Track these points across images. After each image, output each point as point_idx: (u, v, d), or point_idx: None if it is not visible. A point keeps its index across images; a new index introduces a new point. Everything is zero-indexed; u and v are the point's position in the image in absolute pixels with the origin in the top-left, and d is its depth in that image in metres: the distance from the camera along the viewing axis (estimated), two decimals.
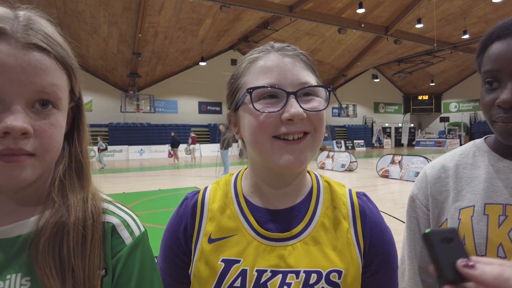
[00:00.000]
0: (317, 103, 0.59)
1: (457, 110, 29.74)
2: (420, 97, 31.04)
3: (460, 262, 0.39)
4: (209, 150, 22.32)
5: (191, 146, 17.00)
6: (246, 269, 0.59)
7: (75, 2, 14.49)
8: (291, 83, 0.57)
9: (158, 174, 12.23)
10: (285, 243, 0.60)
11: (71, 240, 0.51)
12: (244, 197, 0.66)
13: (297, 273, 0.58)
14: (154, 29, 17.07)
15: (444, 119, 30.01)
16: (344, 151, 15.09)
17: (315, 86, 0.59)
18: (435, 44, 18.99)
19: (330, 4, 16.26)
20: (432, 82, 28.59)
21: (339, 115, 29.67)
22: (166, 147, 18.09)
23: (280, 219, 0.63)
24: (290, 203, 0.64)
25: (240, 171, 0.72)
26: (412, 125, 31.61)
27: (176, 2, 15.12)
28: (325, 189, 0.67)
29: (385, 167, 10.81)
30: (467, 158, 0.75)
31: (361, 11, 15.07)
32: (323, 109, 0.59)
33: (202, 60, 20.48)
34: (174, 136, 16.75)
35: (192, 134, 17.71)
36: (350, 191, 0.69)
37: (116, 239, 0.56)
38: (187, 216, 0.66)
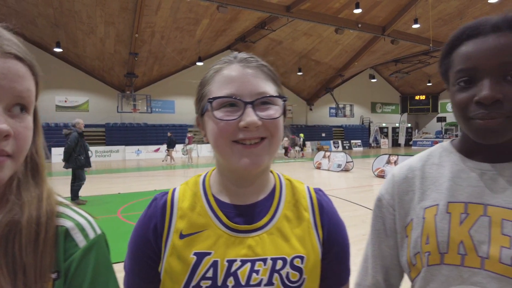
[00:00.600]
0: (273, 111, 0.64)
1: None
2: (417, 97, 31.15)
3: None
4: (207, 150, 22.24)
5: (188, 146, 16.97)
6: (217, 260, 0.64)
7: (72, 2, 14.46)
8: (250, 93, 0.62)
9: (155, 175, 12.21)
10: (253, 234, 0.66)
11: (24, 238, 0.51)
12: (212, 195, 0.71)
13: (264, 261, 0.64)
14: (151, 29, 17.04)
15: (441, 119, 30.08)
16: (341, 151, 15.11)
17: (270, 96, 0.64)
18: (431, 44, 19.05)
19: (327, 4, 16.28)
20: (429, 82, 28.69)
21: (336, 115, 29.71)
22: (164, 147, 18.03)
23: (247, 214, 0.68)
24: (256, 199, 0.70)
25: (208, 172, 0.76)
26: (409, 125, 31.71)
27: (173, 2, 15.10)
28: (286, 186, 0.74)
29: (381, 167, 10.83)
30: (434, 158, 0.76)
31: (358, 11, 15.10)
32: (278, 117, 0.64)
33: (200, 60, 20.46)
34: (170, 136, 16.73)
35: (189, 134, 17.67)
36: (308, 187, 0.76)
37: (69, 242, 0.56)
38: (157, 215, 0.69)
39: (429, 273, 0.67)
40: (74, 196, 6.94)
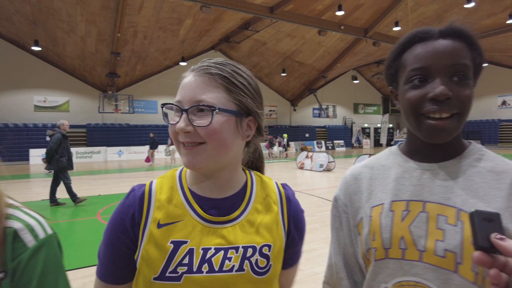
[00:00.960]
0: (205, 120, 0.67)
1: None
2: None
3: (494, 235, 0.47)
4: None
5: (171, 147, 16.82)
6: (193, 248, 0.69)
7: None
8: (189, 100, 0.69)
9: (137, 176, 12.04)
10: (226, 225, 0.72)
11: None
12: (188, 188, 0.76)
13: (236, 249, 0.70)
14: (133, 29, 16.80)
15: None
16: (323, 152, 15.29)
17: (202, 105, 0.67)
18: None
19: (310, 6, 16.45)
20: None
21: (319, 116, 30.03)
22: (146, 148, 17.75)
23: (220, 207, 0.74)
24: (228, 194, 0.75)
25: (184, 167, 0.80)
26: (390, 125, 32.34)
27: (156, 2, 14.94)
28: (257, 182, 0.81)
29: None
30: (382, 160, 0.82)
31: (340, 13, 15.32)
32: (207, 125, 0.66)
33: (183, 60, 20.30)
34: (152, 137, 16.51)
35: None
36: (276, 182, 0.84)
37: (18, 242, 0.57)
38: (135, 205, 0.72)
39: (377, 267, 0.73)
40: (73, 196, 6.76)
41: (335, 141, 29.47)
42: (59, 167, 6.61)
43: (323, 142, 28.57)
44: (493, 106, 26.72)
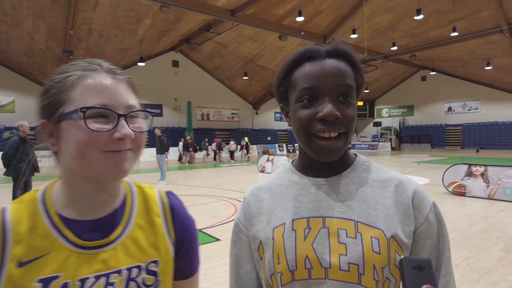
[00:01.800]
0: (141, 124, 0.66)
1: (388, 116, 32.20)
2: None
3: (425, 287, 0.45)
4: (148, 155, 21.38)
5: None
6: (68, 282, 0.60)
7: None
8: (121, 105, 0.63)
9: None
10: (106, 248, 0.65)
11: None
12: (56, 212, 0.66)
13: (119, 272, 0.64)
14: (88, 26, 15.99)
15: (377, 124, 32.26)
16: (284, 155, 15.46)
17: (141, 110, 0.66)
18: (366, 54, 20.38)
19: (271, 11, 16.62)
20: (366, 89, 30.59)
21: (281, 119, 30.46)
22: None
23: (98, 228, 0.66)
24: (107, 211, 0.68)
25: (47, 186, 0.71)
26: None
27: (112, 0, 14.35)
28: (138, 194, 0.75)
29: None
30: (279, 179, 0.81)
31: (300, 19, 15.61)
32: (147, 130, 0.67)
33: (141, 61, 19.66)
34: None
35: None
36: (159, 192, 0.78)
37: None
38: None
39: None
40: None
41: (296, 145, 29.98)
42: (17, 173, 5.93)
43: (284, 145, 28.96)
44: (440, 112, 28.60)
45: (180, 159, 19.70)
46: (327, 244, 0.68)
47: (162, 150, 10.37)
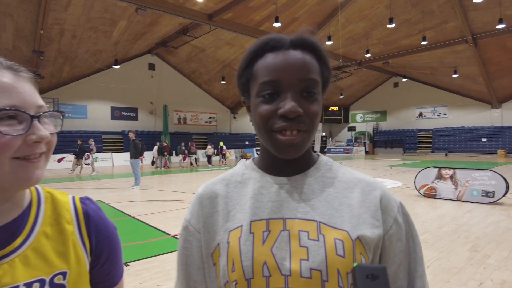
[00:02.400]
0: (52, 127, 0.62)
1: (362, 121, 32.99)
2: (331, 109, 33.64)
3: None
4: (123, 159, 20.90)
5: (95, 155, 15.66)
6: None
7: None
8: (31, 106, 0.58)
9: (60, 187, 10.97)
10: (1, 262, 0.58)
11: None
12: None
13: None
14: (59, 26, 15.47)
15: (351, 129, 32.97)
16: None
17: (53, 111, 0.62)
18: (340, 60, 20.86)
19: (249, 16, 16.71)
20: (341, 95, 31.27)
21: None
22: (72, 156, 16.18)
23: None
24: (7, 219, 0.62)
25: None
26: (324, 134, 34.03)
27: (85, 0, 13.95)
28: (46, 199, 0.69)
29: None
30: (237, 176, 0.74)
31: (277, 25, 15.78)
32: (57, 132, 0.63)
33: (116, 63, 19.20)
34: (80, 144, 15.23)
35: (92, 142, 16.20)
36: (73, 197, 0.72)
37: None
38: None
39: None
40: None
41: None
42: None
43: None
44: (412, 117, 29.62)
45: (153, 163, 19.31)
46: (287, 249, 0.62)
47: (136, 154, 10.13)
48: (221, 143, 21.64)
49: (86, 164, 15.95)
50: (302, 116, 0.62)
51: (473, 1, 13.98)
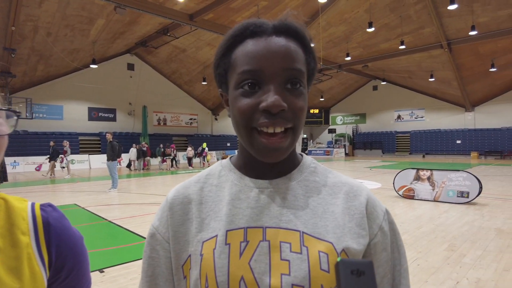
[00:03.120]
0: (7, 127, 0.59)
1: (342, 123, 33.49)
2: (312, 111, 33.97)
3: None
4: (100, 161, 20.36)
5: (70, 157, 15.17)
6: None
7: None
8: None
9: (34, 190, 10.55)
10: None
11: None
12: None
13: None
14: (33, 23, 14.92)
15: (331, 131, 33.44)
16: None
17: (2, 109, 0.59)
18: (321, 63, 21.11)
19: (230, 17, 16.64)
20: (321, 98, 31.64)
21: None
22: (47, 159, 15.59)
23: None
24: None
25: None
26: (305, 136, 34.33)
27: None
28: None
29: None
30: (213, 178, 0.66)
31: None
32: (9, 133, 0.59)
33: (94, 63, 18.70)
34: (53, 146, 14.69)
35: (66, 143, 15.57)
36: (33, 204, 0.64)
37: None
38: None
39: None
40: None
41: None
42: None
43: None
44: (390, 120, 30.31)
45: (129, 165, 18.87)
46: (267, 262, 0.55)
47: (113, 156, 9.86)
48: (204, 145, 21.46)
49: (62, 167, 15.42)
50: (286, 111, 0.55)
51: (448, 8, 14.43)
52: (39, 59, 17.83)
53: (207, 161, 21.63)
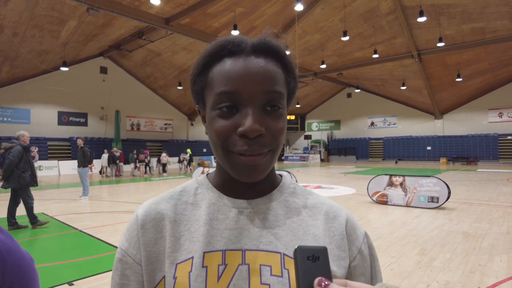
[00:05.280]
0: None
1: (317, 129, 34.02)
2: (288, 117, 34.11)
3: (318, 281, 0.39)
4: (70, 168, 19.59)
5: (36, 163, 14.50)
6: None
7: None
8: None
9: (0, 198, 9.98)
10: None
11: None
12: None
13: None
14: None
15: (307, 137, 33.88)
16: None
17: None
18: (297, 70, 21.35)
19: (207, 23, 16.58)
20: (298, 104, 32.04)
21: None
22: None
23: None
24: None
25: None
26: None
27: None
28: None
29: None
30: (188, 196, 0.63)
31: (235, 33, 15.81)
32: None
33: (65, 65, 18.06)
34: (1, 152, 13.79)
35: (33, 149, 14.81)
36: None
37: None
38: None
39: None
40: (33, 218, 6.12)
41: None
42: (22, 184, 5.95)
43: None
44: (364, 127, 31.10)
45: (101, 172, 18.28)
46: (246, 286, 0.53)
47: (84, 162, 9.49)
48: (189, 151, 21.19)
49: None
50: (264, 135, 0.54)
51: (417, 20, 15.05)
52: (4, 60, 17.01)
53: (191, 167, 21.40)
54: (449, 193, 7.54)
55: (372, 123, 30.52)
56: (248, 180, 0.55)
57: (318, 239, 0.59)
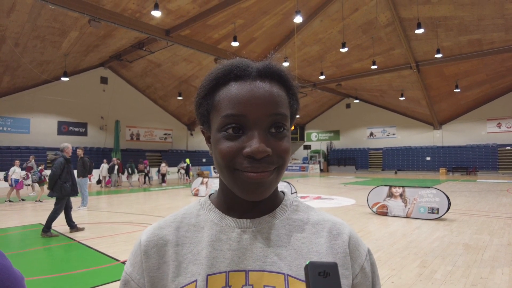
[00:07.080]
0: None
1: (317, 139, 34.07)
2: None
3: None
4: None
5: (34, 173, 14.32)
6: None
7: None
8: None
9: None
10: None
11: None
12: None
13: None
14: (0, 33, 14.35)
15: (307, 147, 33.91)
16: (218, 177, 15.23)
17: None
18: (296, 81, 21.51)
19: (207, 34, 16.75)
20: (297, 115, 32.12)
21: None
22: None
23: None
24: None
25: None
26: None
27: (32, 7, 13.13)
28: None
29: None
30: (190, 218, 0.64)
31: (235, 44, 15.97)
32: None
33: (65, 75, 18.16)
34: None
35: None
36: None
37: None
38: None
39: None
40: (48, 226, 6.30)
41: None
42: (63, 194, 6.40)
43: None
44: (363, 137, 31.17)
45: (99, 182, 18.20)
46: None
47: (84, 172, 9.47)
48: (188, 161, 21.14)
49: (27, 185, 14.55)
50: (270, 155, 0.55)
51: (415, 31, 15.23)
52: (4, 70, 17.11)
53: (190, 177, 21.34)
54: (449, 204, 7.51)
55: (371, 134, 30.59)
56: (253, 198, 0.56)
57: (322, 257, 0.59)
